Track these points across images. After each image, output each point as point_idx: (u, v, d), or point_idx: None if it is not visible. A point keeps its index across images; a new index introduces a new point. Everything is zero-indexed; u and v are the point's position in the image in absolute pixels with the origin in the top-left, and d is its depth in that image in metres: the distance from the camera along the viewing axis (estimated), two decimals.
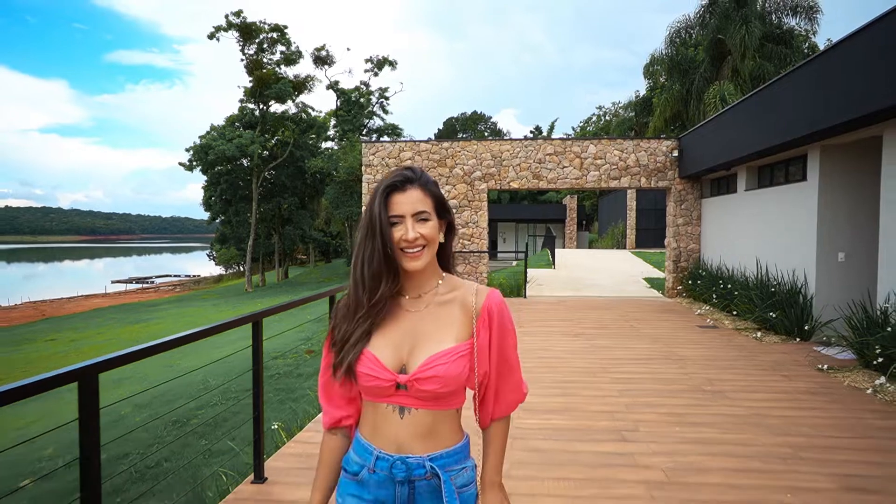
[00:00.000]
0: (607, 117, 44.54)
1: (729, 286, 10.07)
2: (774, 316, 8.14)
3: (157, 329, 22.22)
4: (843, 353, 6.86)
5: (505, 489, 1.47)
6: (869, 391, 5.48)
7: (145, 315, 26.82)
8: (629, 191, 29.81)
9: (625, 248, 30.35)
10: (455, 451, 1.39)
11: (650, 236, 28.78)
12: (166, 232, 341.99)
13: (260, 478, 3.69)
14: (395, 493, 1.35)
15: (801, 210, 8.26)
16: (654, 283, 15.49)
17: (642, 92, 33.36)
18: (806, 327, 7.74)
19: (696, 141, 11.92)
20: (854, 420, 4.74)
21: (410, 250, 1.34)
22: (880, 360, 5.68)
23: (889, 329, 5.72)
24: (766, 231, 9.45)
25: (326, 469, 1.47)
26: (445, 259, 1.46)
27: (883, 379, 5.50)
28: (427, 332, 1.36)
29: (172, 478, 5.48)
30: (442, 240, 1.41)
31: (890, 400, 5.24)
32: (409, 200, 1.33)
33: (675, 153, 12.75)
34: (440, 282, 1.43)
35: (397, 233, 1.33)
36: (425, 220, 1.34)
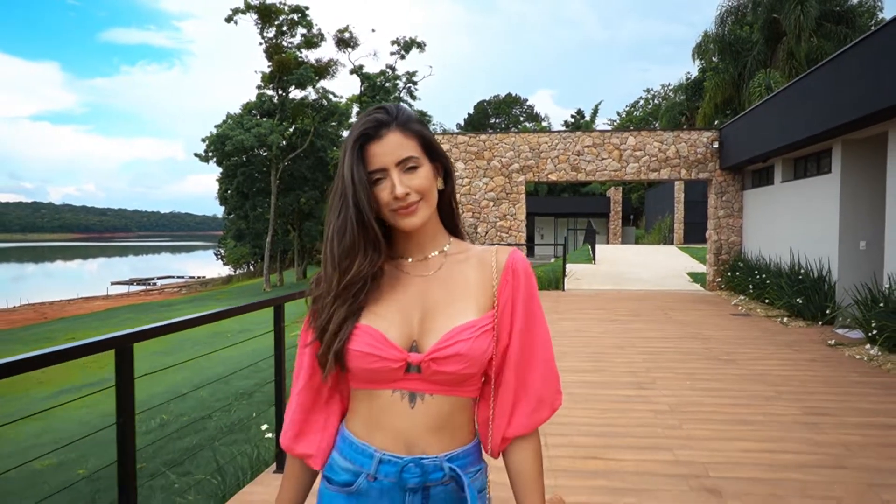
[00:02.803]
0: (656, 101, 45.93)
1: (764, 276, 11.67)
2: (801, 302, 9.74)
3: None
4: (855, 332, 8.47)
5: None
6: (863, 359, 7.12)
7: (163, 315, 29.17)
8: (677, 182, 31.22)
9: (672, 243, 31.82)
10: (471, 450, 1.31)
11: (699, 231, 30.09)
12: (165, 229, 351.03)
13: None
14: None
15: (826, 201, 9.85)
16: (696, 277, 17.08)
17: (694, 73, 34.76)
18: (828, 311, 9.33)
19: (735, 132, 13.51)
20: (839, 377, 6.41)
21: (402, 208, 1.24)
22: (875, 331, 7.30)
23: (881, 304, 7.35)
24: (798, 222, 11.05)
25: (292, 485, 1.39)
26: (449, 216, 1.37)
27: (876, 348, 7.13)
28: (441, 300, 1.27)
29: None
30: (440, 186, 1.32)
31: (879, 365, 6.87)
32: (389, 149, 1.22)
33: (716, 144, 14.35)
34: (448, 245, 1.35)
35: (383, 192, 1.22)
36: (414, 167, 1.23)
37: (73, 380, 13.72)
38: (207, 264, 72.99)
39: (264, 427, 4.98)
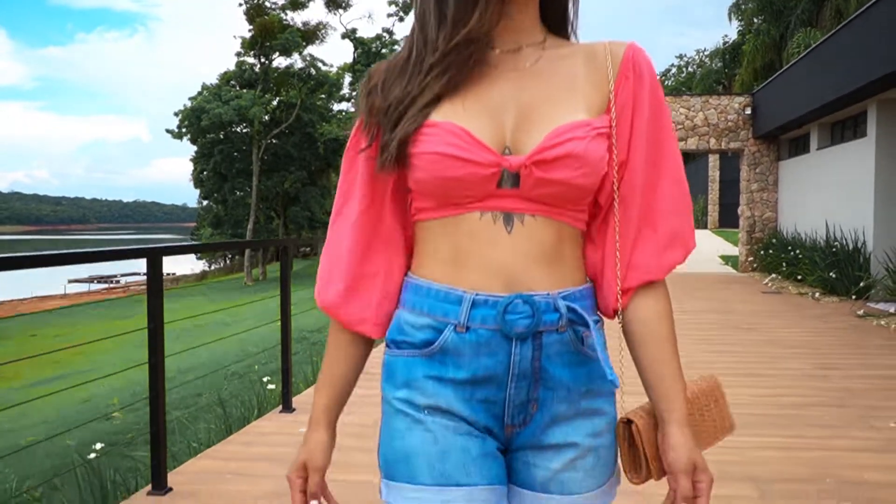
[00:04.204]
0: (690, 68, 46.51)
1: (797, 251, 12.36)
2: (834, 276, 10.43)
3: None
4: (890, 304, 9.16)
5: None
6: (890, 327, 7.81)
7: (135, 310, 29.89)
8: (711, 159, 31.85)
9: (706, 227, 32.47)
10: (588, 293, 1.12)
11: (736, 212, 30.79)
12: (128, 220, 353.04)
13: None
14: (510, 359, 1.05)
15: (861, 167, 10.54)
16: (729, 260, 17.80)
17: (732, 36, 35.34)
18: (861, 284, 10.01)
19: (769, 96, 14.18)
20: (858, 341, 7.14)
21: None
22: None
23: None
24: (833, 191, 11.73)
25: (336, 367, 1.18)
26: (561, 12, 1.18)
27: None
28: (541, 96, 1.08)
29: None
30: None
31: None
32: None
33: (749, 110, 15.00)
34: (545, 39, 1.14)
35: None
36: None
37: (45, 374, 14.49)
38: (178, 260, 73.66)
39: (266, 378, 5.68)
